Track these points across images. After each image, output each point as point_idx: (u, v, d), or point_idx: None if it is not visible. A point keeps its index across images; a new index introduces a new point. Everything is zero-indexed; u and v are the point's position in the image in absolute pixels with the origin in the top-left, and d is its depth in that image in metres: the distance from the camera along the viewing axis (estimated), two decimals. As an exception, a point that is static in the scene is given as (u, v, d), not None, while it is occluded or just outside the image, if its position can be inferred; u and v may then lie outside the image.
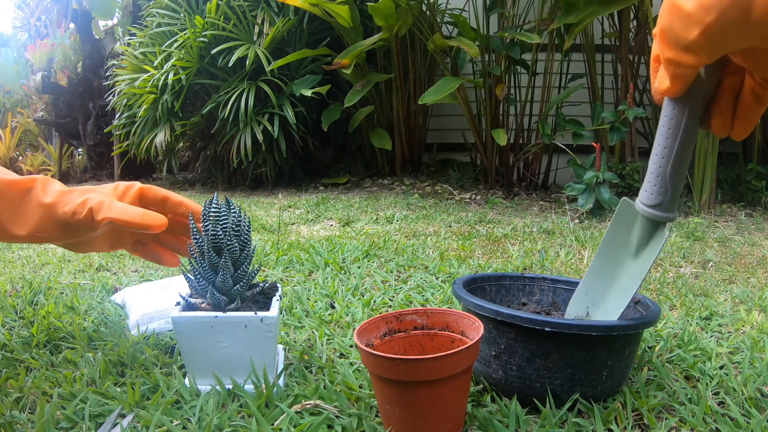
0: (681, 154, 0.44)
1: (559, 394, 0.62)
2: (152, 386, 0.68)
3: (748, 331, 0.90)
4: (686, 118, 0.43)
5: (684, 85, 0.42)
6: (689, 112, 0.43)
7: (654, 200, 0.46)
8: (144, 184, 0.75)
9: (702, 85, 0.42)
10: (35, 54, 5.39)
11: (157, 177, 4.77)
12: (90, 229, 0.70)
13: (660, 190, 0.46)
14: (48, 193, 0.69)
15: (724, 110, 0.42)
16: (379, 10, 2.48)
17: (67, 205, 0.68)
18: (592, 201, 2.09)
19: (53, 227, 0.69)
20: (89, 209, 0.67)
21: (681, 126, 0.43)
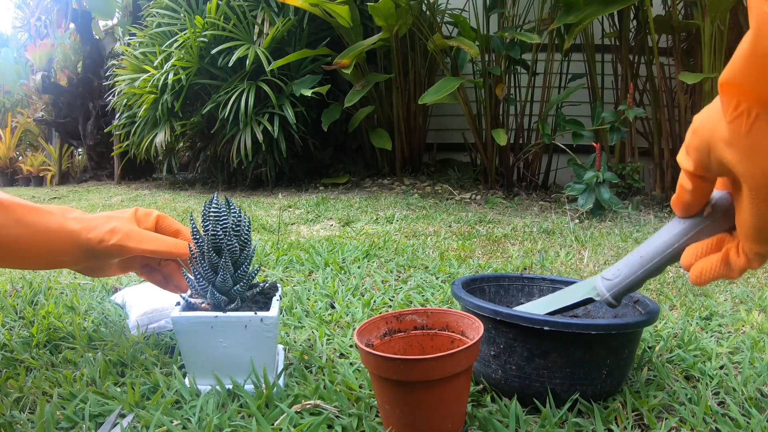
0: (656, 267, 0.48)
1: (559, 394, 0.62)
2: (152, 386, 0.68)
3: (748, 331, 0.90)
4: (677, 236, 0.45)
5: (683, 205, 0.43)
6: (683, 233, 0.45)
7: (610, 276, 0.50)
8: (160, 213, 0.77)
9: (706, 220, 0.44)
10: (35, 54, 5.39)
11: (157, 177, 4.77)
12: (115, 256, 0.71)
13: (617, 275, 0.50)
14: (70, 219, 0.70)
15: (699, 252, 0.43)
16: (379, 10, 2.48)
17: (92, 231, 0.70)
18: (592, 201, 2.09)
19: (77, 252, 0.70)
20: (120, 237, 0.69)
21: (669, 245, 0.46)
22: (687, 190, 0.42)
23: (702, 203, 0.44)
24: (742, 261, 0.41)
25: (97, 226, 0.70)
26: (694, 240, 0.44)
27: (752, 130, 0.33)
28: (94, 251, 0.70)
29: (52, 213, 0.70)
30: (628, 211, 2.21)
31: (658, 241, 0.47)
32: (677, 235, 0.45)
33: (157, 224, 0.76)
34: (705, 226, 0.44)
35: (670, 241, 0.46)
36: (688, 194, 0.43)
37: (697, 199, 0.43)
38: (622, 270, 0.49)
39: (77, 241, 0.69)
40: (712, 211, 0.44)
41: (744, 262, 0.40)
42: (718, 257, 0.42)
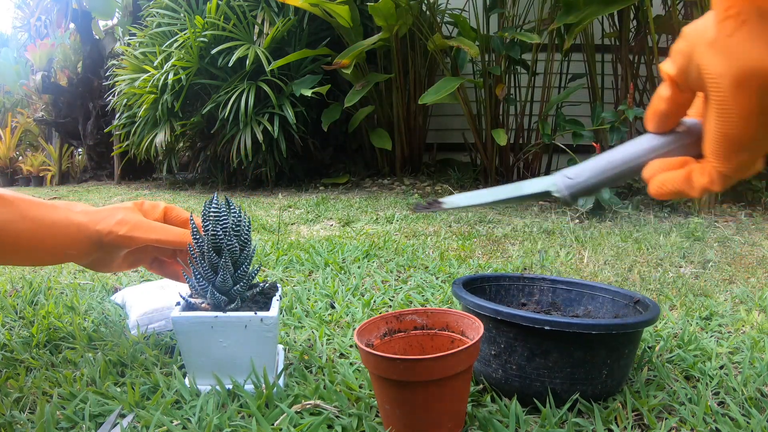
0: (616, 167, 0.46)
1: (559, 393, 0.62)
2: (152, 386, 0.68)
3: (748, 331, 0.90)
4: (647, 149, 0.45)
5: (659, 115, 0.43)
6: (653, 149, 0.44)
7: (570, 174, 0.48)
8: (168, 204, 0.77)
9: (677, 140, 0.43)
10: (35, 54, 5.40)
11: (157, 177, 4.77)
12: (124, 247, 0.71)
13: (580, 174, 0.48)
14: (76, 212, 0.70)
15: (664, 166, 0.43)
16: (379, 10, 2.48)
17: (100, 223, 0.70)
18: (592, 201, 2.09)
19: (84, 245, 0.70)
20: (128, 228, 0.69)
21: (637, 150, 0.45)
22: (664, 97, 0.41)
23: (676, 116, 0.43)
24: (704, 180, 0.40)
25: (104, 218, 0.70)
26: (662, 155, 0.44)
27: (735, 33, 0.33)
28: (102, 243, 0.70)
29: (58, 207, 0.70)
30: (628, 211, 2.21)
31: (628, 150, 0.46)
32: (647, 149, 0.44)
33: (165, 216, 0.76)
34: (675, 146, 0.43)
35: (639, 153, 0.45)
36: (664, 102, 0.42)
37: (672, 109, 0.42)
38: (586, 171, 0.47)
39: (84, 234, 0.69)
40: (684, 130, 0.43)
41: (706, 182, 0.39)
42: (680, 173, 0.41)
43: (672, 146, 0.43)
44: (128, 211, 0.72)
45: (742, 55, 0.32)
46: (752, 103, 0.34)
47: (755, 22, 0.31)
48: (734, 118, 0.35)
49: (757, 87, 0.33)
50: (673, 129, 0.43)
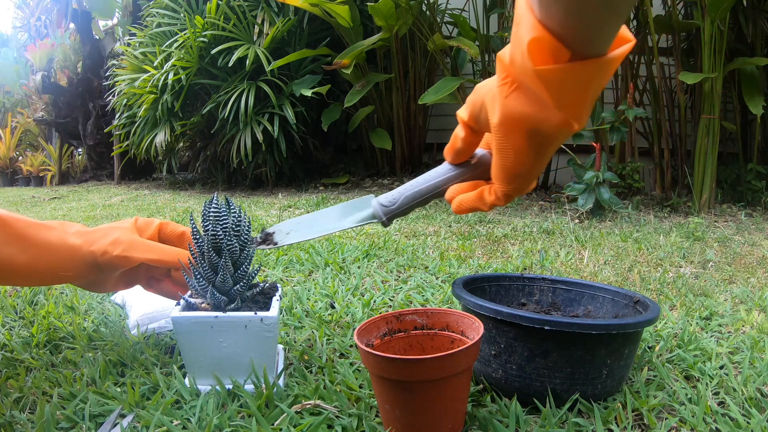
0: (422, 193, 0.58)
1: (559, 393, 0.62)
2: (152, 386, 0.68)
3: (748, 331, 0.90)
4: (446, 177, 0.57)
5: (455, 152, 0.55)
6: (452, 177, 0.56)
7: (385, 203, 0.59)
8: (162, 221, 0.76)
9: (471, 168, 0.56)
10: (35, 54, 5.40)
11: (157, 177, 4.77)
12: (119, 267, 0.71)
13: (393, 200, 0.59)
14: (71, 234, 0.70)
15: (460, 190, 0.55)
16: (379, 10, 2.48)
17: (94, 244, 0.69)
18: (592, 201, 2.09)
19: (79, 266, 0.70)
20: (123, 248, 0.69)
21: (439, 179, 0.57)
22: (460, 138, 0.53)
23: (470, 152, 0.55)
24: (492, 198, 0.51)
25: (99, 239, 0.70)
26: (459, 182, 0.56)
27: (509, 95, 0.43)
28: (97, 264, 0.70)
29: (53, 228, 0.69)
30: (628, 211, 2.21)
31: (432, 179, 0.58)
32: (448, 177, 0.56)
33: (160, 232, 0.75)
34: (469, 173, 0.55)
35: (442, 181, 0.57)
36: (460, 142, 0.53)
37: (467, 147, 0.54)
38: (398, 198, 0.58)
39: (79, 256, 0.69)
40: (477, 162, 0.55)
41: (494, 199, 0.51)
42: (474, 193, 0.53)
43: (467, 174, 0.56)
44: (123, 231, 0.71)
45: (514, 110, 0.43)
46: (523, 144, 0.45)
47: (522, 89, 0.42)
48: (511, 156, 0.46)
49: (524, 133, 0.44)
50: (468, 160, 0.56)
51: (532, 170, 0.47)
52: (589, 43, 0.38)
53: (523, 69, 0.40)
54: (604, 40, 0.38)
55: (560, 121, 0.42)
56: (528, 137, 0.44)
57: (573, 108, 0.41)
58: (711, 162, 2.33)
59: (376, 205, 0.60)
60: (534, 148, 0.45)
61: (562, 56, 0.39)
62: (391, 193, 0.59)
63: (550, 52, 0.38)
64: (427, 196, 0.58)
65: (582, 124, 0.43)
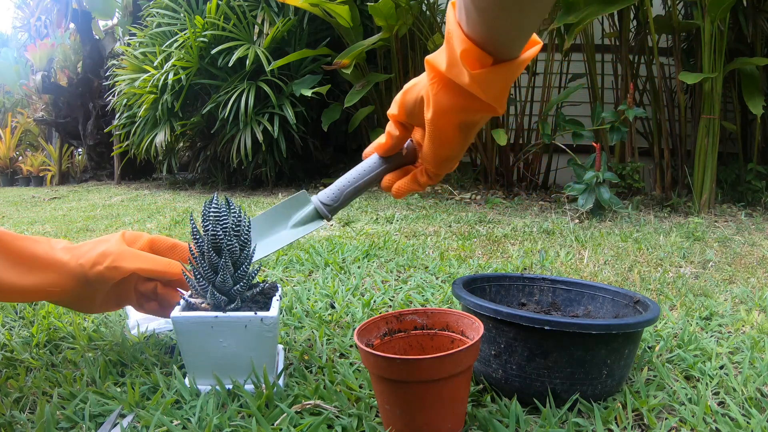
0: (360, 189, 0.64)
1: (559, 393, 0.62)
2: (152, 386, 0.68)
3: (748, 331, 0.90)
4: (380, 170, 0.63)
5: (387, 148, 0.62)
6: (384, 169, 0.63)
7: (328, 202, 0.65)
8: (152, 236, 0.75)
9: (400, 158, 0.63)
10: (35, 54, 5.40)
11: (157, 177, 4.77)
12: (109, 280, 0.69)
13: (335, 199, 0.65)
14: (58, 249, 0.69)
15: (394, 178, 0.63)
16: (379, 10, 2.48)
17: (82, 257, 0.68)
18: (592, 201, 2.09)
19: (67, 281, 0.68)
20: (113, 259, 0.68)
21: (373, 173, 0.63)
22: (394, 135, 0.61)
23: (401, 146, 0.62)
24: (425, 178, 0.59)
25: (86, 252, 0.69)
26: (391, 170, 0.63)
27: (438, 92, 0.52)
28: (86, 278, 0.68)
29: (39, 242, 0.68)
30: (628, 211, 2.21)
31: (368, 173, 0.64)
32: (383, 170, 0.63)
33: (151, 248, 0.74)
34: (399, 162, 0.62)
35: (377, 174, 0.63)
36: (393, 139, 0.61)
37: (399, 142, 0.62)
38: (339, 196, 0.64)
39: (67, 270, 0.68)
40: (406, 152, 0.62)
41: (426, 180, 0.59)
42: (409, 177, 0.61)
43: (397, 163, 0.63)
44: (111, 243, 0.70)
45: (445, 104, 0.52)
46: (452, 131, 0.54)
47: (449, 87, 0.52)
48: (442, 143, 0.55)
49: (455, 121, 0.53)
50: (399, 152, 0.63)
51: (460, 152, 0.57)
52: (506, 49, 0.48)
53: (459, 73, 0.49)
54: (517, 46, 0.48)
55: (486, 109, 0.52)
56: (457, 125, 0.54)
57: (497, 99, 0.51)
58: (711, 162, 2.33)
59: (317, 204, 0.66)
60: (462, 133, 0.55)
61: (486, 61, 0.48)
62: (330, 190, 0.65)
63: (477, 59, 0.48)
64: (363, 188, 0.65)
65: (503, 110, 0.52)
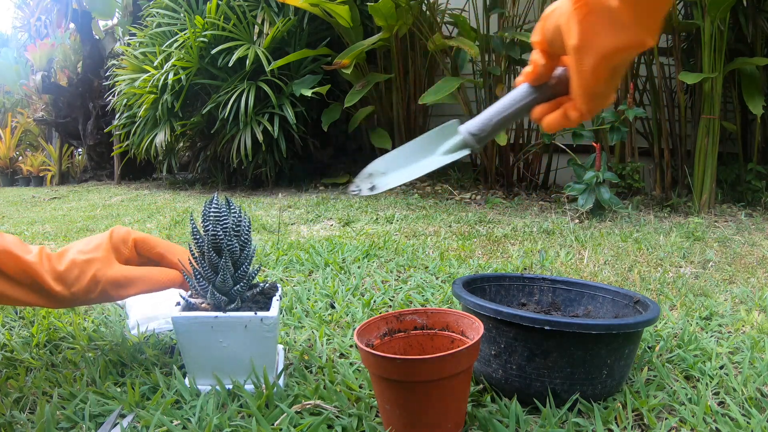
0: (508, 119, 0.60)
1: (559, 393, 0.62)
2: (152, 386, 0.68)
3: (748, 331, 0.90)
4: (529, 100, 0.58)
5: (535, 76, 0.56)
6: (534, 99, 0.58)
7: (475, 131, 0.61)
8: (136, 235, 0.73)
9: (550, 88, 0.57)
10: (35, 54, 5.40)
11: (157, 177, 4.77)
12: (103, 301, 0.70)
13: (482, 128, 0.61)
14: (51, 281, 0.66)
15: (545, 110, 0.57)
16: (379, 10, 2.48)
17: (74, 286, 0.67)
18: (592, 201, 2.09)
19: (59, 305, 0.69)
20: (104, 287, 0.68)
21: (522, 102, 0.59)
22: (539, 64, 0.55)
23: (549, 75, 0.56)
24: (576, 114, 0.54)
25: (76, 279, 0.67)
26: (542, 101, 0.58)
27: (584, 19, 0.46)
28: (79, 302, 0.69)
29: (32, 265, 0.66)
30: (628, 211, 2.21)
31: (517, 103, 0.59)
32: (531, 99, 0.58)
33: (136, 248, 0.73)
34: (550, 92, 0.57)
35: (525, 104, 0.58)
36: (538, 67, 0.55)
37: (546, 71, 0.56)
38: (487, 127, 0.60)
39: (59, 300, 0.67)
40: (556, 82, 0.56)
41: (578, 115, 0.54)
42: (560, 112, 0.56)
43: (547, 94, 0.58)
44: (100, 265, 0.68)
45: (591, 32, 0.46)
46: (600, 65, 0.48)
47: (596, 11, 0.45)
48: (589, 77, 0.49)
49: (602, 53, 0.47)
50: (547, 81, 0.57)
51: (610, 88, 0.50)
52: None
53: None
54: None
55: (637, 39, 0.45)
56: (605, 57, 0.47)
57: (650, 25, 0.45)
58: (711, 162, 2.33)
59: (465, 134, 0.61)
60: (610, 67, 0.48)
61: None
62: (478, 120, 0.61)
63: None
64: (512, 117, 0.60)
65: (656, 40, 0.46)
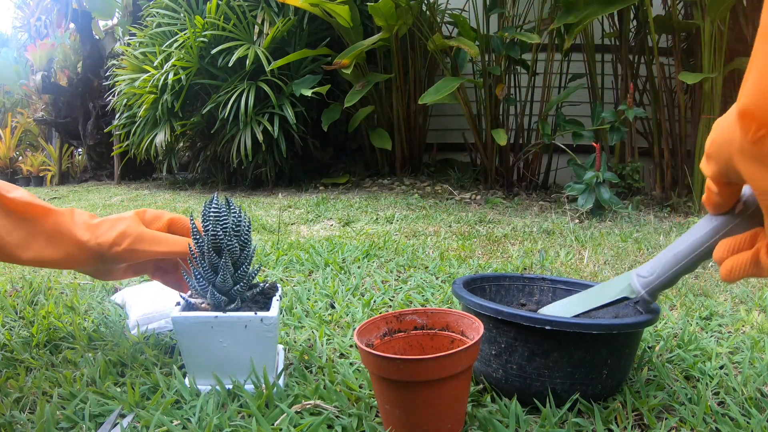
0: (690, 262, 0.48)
1: (560, 393, 0.62)
2: (152, 386, 0.68)
3: (748, 331, 0.90)
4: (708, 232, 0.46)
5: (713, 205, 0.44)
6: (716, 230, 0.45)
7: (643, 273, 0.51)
8: (173, 215, 0.76)
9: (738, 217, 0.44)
10: (35, 54, 5.39)
11: (157, 177, 4.77)
12: (126, 260, 0.71)
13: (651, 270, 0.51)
14: (79, 225, 0.70)
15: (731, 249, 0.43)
16: (379, 10, 2.48)
17: (101, 237, 0.69)
18: (592, 201, 2.09)
19: (86, 258, 0.70)
20: (130, 241, 0.69)
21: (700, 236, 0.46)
22: (714, 192, 0.43)
23: (731, 203, 0.44)
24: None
25: (105, 232, 0.70)
26: (728, 236, 0.44)
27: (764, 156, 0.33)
28: (103, 257, 0.70)
29: (63, 215, 0.70)
30: (628, 211, 2.21)
31: (692, 238, 0.47)
32: (710, 231, 0.45)
33: (170, 228, 0.75)
34: (737, 222, 0.44)
35: (704, 239, 0.46)
36: (715, 196, 0.43)
37: (725, 200, 0.43)
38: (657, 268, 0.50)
39: (85, 249, 0.69)
40: (743, 208, 0.43)
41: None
42: (748, 255, 0.41)
43: (734, 222, 0.44)
44: (130, 223, 0.71)
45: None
46: None
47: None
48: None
49: None
50: (732, 208, 0.44)
51: None
52: None
53: None
54: None
55: None
56: None
57: None
58: (711, 162, 2.33)
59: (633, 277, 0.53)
60: None
61: None
62: (651, 262, 0.51)
63: None
64: (690, 259, 0.48)
65: None
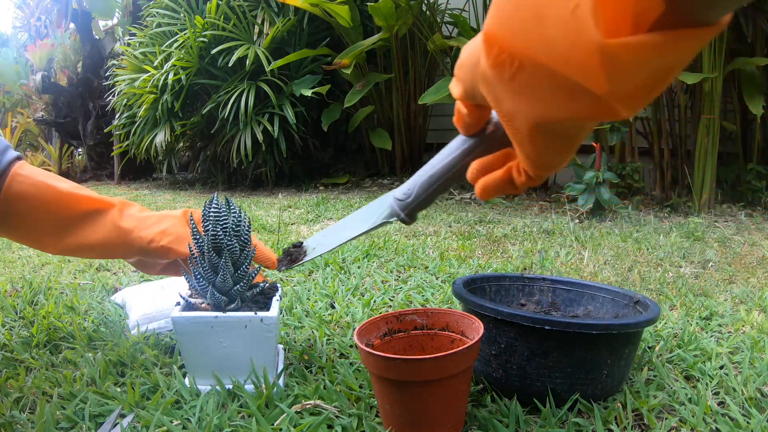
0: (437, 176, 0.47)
1: (560, 393, 0.62)
2: (152, 386, 0.68)
3: (748, 331, 0.90)
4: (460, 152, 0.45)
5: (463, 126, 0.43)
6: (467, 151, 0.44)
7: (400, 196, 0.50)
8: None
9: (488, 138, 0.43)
10: (35, 54, 5.39)
11: (157, 177, 4.77)
12: (162, 257, 0.73)
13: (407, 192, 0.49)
14: (126, 216, 0.72)
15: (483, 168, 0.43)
16: (379, 10, 2.48)
17: (144, 230, 0.71)
18: (592, 201, 2.09)
19: (127, 249, 0.72)
20: (170, 240, 0.71)
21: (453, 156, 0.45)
22: (464, 113, 0.41)
23: (480, 124, 0.43)
24: (523, 178, 0.40)
25: (149, 226, 0.72)
26: (480, 155, 0.43)
27: (515, 79, 0.31)
28: (143, 250, 0.72)
29: (113, 204, 0.72)
30: (628, 211, 2.21)
31: (446, 159, 0.46)
32: (463, 152, 0.45)
33: None
34: (489, 143, 0.43)
35: (456, 159, 0.45)
36: (465, 117, 0.42)
37: (475, 121, 0.42)
38: (414, 190, 0.49)
39: (129, 239, 0.71)
40: (494, 129, 0.43)
41: (525, 180, 0.40)
42: (501, 173, 0.41)
43: (485, 144, 0.43)
44: (175, 222, 0.73)
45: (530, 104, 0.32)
46: (543, 139, 0.34)
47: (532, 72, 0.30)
48: (529, 149, 0.36)
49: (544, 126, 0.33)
50: (483, 129, 0.43)
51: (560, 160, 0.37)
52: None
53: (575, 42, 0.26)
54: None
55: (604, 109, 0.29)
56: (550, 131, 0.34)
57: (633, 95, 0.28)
58: (711, 162, 2.33)
59: (392, 200, 0.51)
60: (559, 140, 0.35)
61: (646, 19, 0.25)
62: (406, 183, 0.50)
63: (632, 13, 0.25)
64: (444, 179, 0.47)
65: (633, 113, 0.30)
